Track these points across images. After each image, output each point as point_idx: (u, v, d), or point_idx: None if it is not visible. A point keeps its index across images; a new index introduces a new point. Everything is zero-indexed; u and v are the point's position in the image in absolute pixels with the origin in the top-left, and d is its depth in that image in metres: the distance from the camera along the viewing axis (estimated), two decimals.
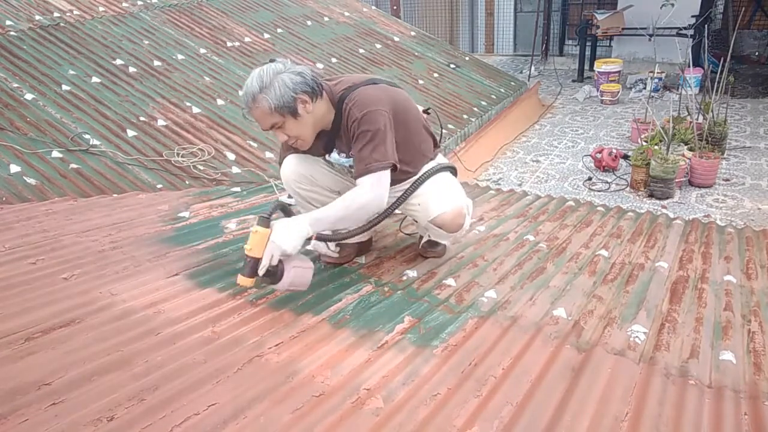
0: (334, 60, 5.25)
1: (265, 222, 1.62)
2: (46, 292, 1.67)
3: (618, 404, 1.30)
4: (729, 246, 2.31)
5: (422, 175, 1.93)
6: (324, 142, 1.88)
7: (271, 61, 1.72)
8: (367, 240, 2.16)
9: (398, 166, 1.77)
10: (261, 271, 1.60)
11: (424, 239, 2.14)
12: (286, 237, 1.61)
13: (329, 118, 1.80)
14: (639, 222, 2.59)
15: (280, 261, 1.62)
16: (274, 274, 1.63)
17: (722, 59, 4.99)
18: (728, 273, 2.05)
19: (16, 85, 3.33)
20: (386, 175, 1.72)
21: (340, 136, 1.83)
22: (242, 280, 1.62)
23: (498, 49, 10.98)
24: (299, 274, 1.66)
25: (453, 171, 2.04)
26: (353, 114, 1.72)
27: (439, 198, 1.90)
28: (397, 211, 1.99)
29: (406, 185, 1.93)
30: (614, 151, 5.15)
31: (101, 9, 4.53)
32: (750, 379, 1.41)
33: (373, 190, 1.70)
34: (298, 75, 1.68)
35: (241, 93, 1.71)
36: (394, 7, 11.22)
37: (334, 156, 1.93)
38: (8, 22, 3.91)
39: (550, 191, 4.68)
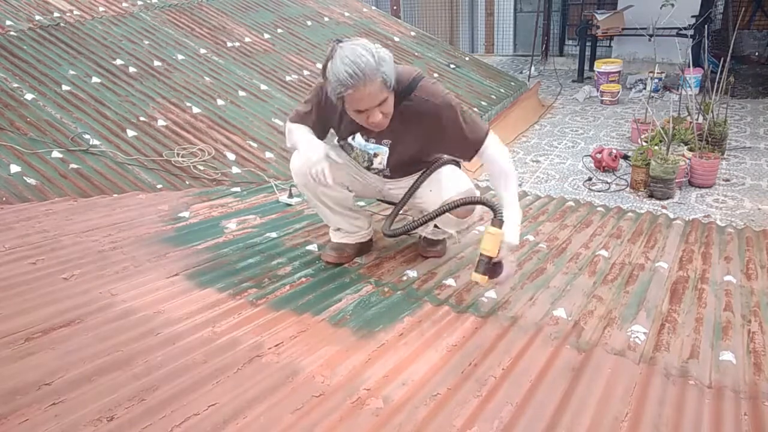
0: None
1: (499, 224, 1.68)
2: (46, 292, 1.67)
3: (618, 404, 1.30)
4: (729, 246, 2.31)
5: (434, 165, 1.95)
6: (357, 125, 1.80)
7: (338, 41, 1.61)
8: (367, 240, 2.15)
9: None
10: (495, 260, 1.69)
11: (424, 235, 2.13)
12: (516, 235, 1.74)
13: None
14: (639, 222, 2.59)
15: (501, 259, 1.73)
16: (496, 270, 1.72)
17: (722, 59, 4.99)
18: (728, 273, 2.05)
19: (16, 85, 3.33)
20: (492, 133, 1.82)
21: (395, 121, 1.76)
22: (477, 277, 1.68)
23: (498, 49, 10.97)
24: (511, 269, 1.78)
25: (457, 163, 2.05)
26: (424, 108, 1.73)
27: (449, 182, 1.91)
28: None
29: (417, 175, 1.96)
30: (614, 151, 5.15)
31: (101, 9, 4.53)
32: (750, 379, 1.41)
33: (498, 146, 1.82)
34: (385, 50, 1.64)
35: (343, 71, 1.53)
36: (394, 8, 11.21)
37: (359, 140, 1.87)
38: (8, 22, 3.91)
39: (550, 191, 4.68)
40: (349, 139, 1.88)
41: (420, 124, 1.77)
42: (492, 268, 1.70)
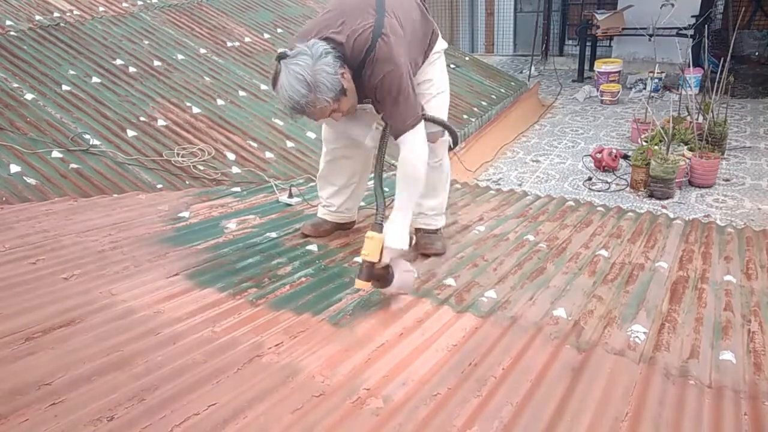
0: None
1: (379, 228, 1.70)
2: (46, 292, 1.67)
3: (618, 404, 1.30)
4: (729, 246, 2.31)
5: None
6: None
7: (282, 57, 1.63)
8: (349, 222, 2.26)
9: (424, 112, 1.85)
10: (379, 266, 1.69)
11: (418, 226, 2.15)
12: (400, 239, 1.73)
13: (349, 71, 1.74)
14: (639, 222, 2.59)
15: (389, 266, 1.71)
16: (386, 278, 1.70)
17: (722, 59, 4.99)
18: (728, 273, 2.05)
19: (16, 85, 3.33)
20: (420, 129, 1.81)
21: (363, 88, 1.78)
22: (360, 283, 1.68)
23: (498, 49, 10.97)
24: (406, 278, 1.75)
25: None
26: (377, 74, 1.70)
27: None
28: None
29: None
30: (614, 151, 5.15)
31: (101, 9, 4.52)
32: (750, 379, 1.41)
33: (416, 145, 1.80)
34: (326, 55, 1.62)
35: (285, 103, 1.63)
36: None
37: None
38: (8, 22, 3.91)
39: (550, 191, 4.68)
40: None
41: (373, 90, 1.77)
42: (380, 274, 1.69)
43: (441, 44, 2.01)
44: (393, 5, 1.77)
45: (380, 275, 1.70)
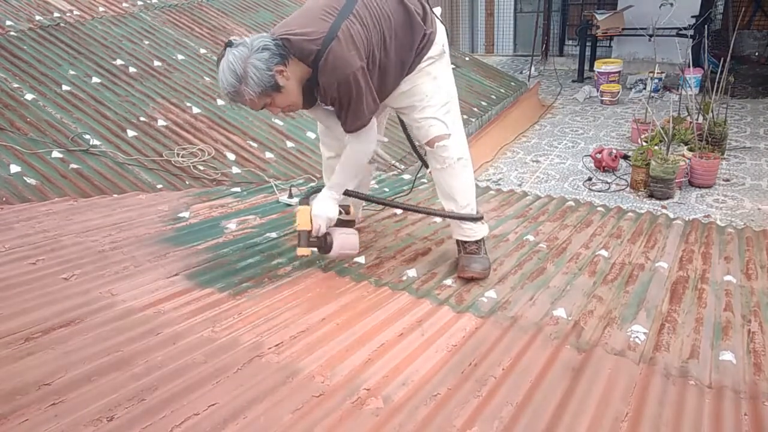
0: None
1: (305, 201, 1.89)
2: (46, 292, 1.67)
3: (618, 404, 1.30)
4: (729, 246, 2.31)
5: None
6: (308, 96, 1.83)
7: (229, 44, 1.66)
8: (350, 220, 2.21)
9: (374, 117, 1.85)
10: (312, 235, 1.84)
11: (458, 238, 2.03)
12: (323, 206, 1.87)
13: (306, 71, 1.73)
14: (639, 222, 2.59)
15: (327, 233, 1.88)
16: (325, 243, 1.88)
17: (722, 59, 4.99)
18: (728, 273, 2.05)
19: (16, 85, 3.32)
20: (369, 127, 1.83)
21: (320, 91, 1.79)
22: (301, 251, 1.85)
23: (498, 49, 10.98)
24: (346, 239, 1.92)
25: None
26: (329, 81, 1.69)
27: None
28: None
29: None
30: (614, 151, 5.15)
31: (101, 9, 4.52)
32: (750, 379, 1.41)
33: (361, 145, 1.86)
34: (264, 50, 1.62)
35: (220, 87, 1.70)
36: None
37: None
38: (8, 22, 3.91)
39: (550, 191, 4.68)
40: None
41: (326, 94, 1.76)
42: (319, 242, 1.88)
43: (435, 49, 1.90)
44: (366, 4, 1.73)
45: (319, 244, 1.89)
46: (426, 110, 1.91)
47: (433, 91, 1.93)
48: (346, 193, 1.95)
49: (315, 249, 1.92)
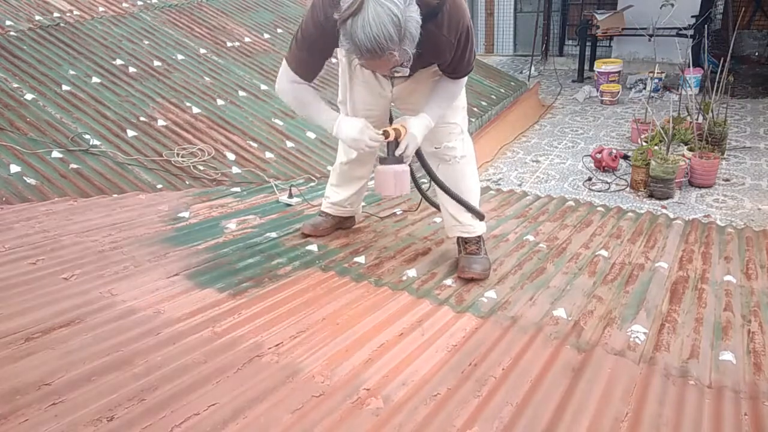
0: (334, 60, 5.24)
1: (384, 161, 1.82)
2: (46, 292, 1.67)
3: (618, 404, 1.30)
4: (729, 246, 2.31)
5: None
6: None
7: None
8: (350, 216, 2.21)
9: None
10: (398, 152, 1.76)
11: (457, 234, 2.03)
12: (422, 131, 1.78)
13: None
14: (639, 222, 2.59)
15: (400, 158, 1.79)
16: (400, 160, 1.79)
17: (722, 59, 4.99)
18: (728, 273, 2.05)
19: (16, 85, 3.32)
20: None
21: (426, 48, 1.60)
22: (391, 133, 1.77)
23: (498, 49, 10.98)
24: (405, 174, 1.81)
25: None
26: (449, 32, 1.60)
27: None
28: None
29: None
30: (614, 151, 5.15)
31: (101, 9, 4.52)
32: (750, 379, 1.41)
33: (457, 86, 1.84)
34: (412, 4, 1.41)
35: (363, 42, 1.38)
36: None
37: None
38: (8, 22, 3.91)
39: (550, 191, 4.68)
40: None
41: (436, 48, 1.65)
42: (391, 159, 1.80)
43: None
44: None
45: (391, 161, 1.80)
46: (456, 114, 1.93)
47: (461, 95, 1.95)
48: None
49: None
